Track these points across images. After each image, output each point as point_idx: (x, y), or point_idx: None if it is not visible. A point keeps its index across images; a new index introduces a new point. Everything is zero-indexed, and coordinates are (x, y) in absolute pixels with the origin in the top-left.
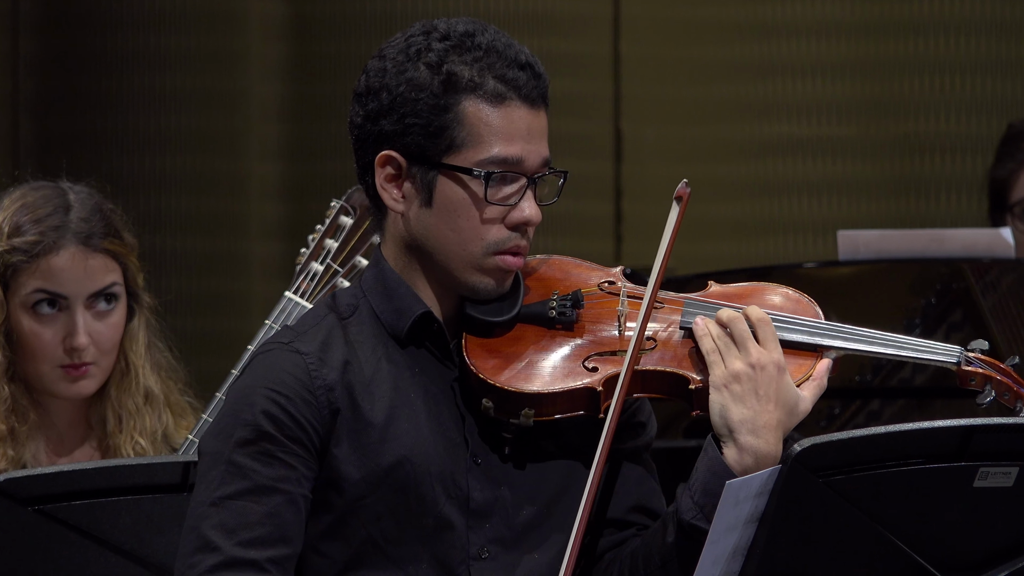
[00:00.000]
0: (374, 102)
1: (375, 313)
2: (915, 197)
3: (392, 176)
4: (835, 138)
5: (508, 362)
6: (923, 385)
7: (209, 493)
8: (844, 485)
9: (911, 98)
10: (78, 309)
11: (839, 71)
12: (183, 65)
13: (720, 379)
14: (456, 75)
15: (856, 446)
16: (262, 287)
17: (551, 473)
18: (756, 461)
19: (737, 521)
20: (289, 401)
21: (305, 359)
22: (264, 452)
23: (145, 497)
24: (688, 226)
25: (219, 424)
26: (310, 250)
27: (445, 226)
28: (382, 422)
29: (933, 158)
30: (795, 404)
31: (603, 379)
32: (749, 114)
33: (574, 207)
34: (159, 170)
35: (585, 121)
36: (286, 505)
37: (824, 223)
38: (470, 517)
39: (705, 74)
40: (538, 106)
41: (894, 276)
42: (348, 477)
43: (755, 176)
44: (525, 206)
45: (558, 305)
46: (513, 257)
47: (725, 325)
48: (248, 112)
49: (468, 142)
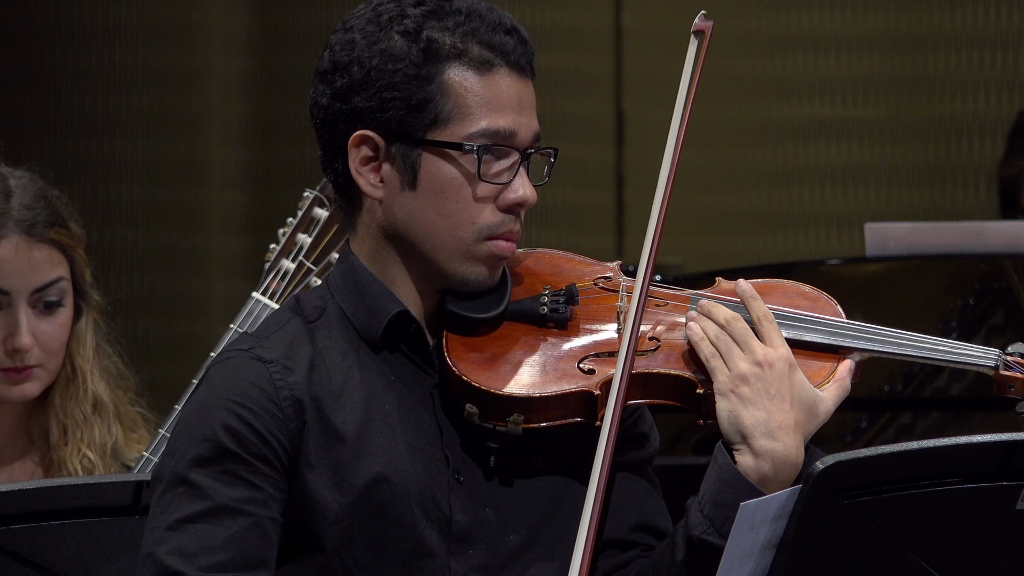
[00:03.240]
0: (343, 78)
1: (345, 315)
2: (951, 186)
3: (368, 158)
4: (862, 120)
5: (494, 363)
6: (960, 395)
7: (166, 517)
8: (871, 507)
9: (947, 75)
10: (21, 306)
11: (866, 45)
12: (134, 38)
13: (726, 384)
14: (437, 42)
15: (885, 463)
16: (223, 286)
17: (541, 492)
18: (774, 466)
19: (753, 547)
20: (252, 414)
21: (268, 367)
22: (225, 471)
23: (92, 520)
24: (698, 218)
25: (175, 442)
26: (280, 245)
27: (432, 210)
28: (355, 437)
29: (971, 142)
30: (813, 403)
31: (600, 382)
32: (766, 93)
33: (570, 197)
34: (108, 155)
35: (583, 101)
36: (251, 529)
37: (849, 215)
38: (452, 542)
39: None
40: (526, 74)
41: (927, 274)
42: (319, 498)
43: (772, 162)
44: (519, 185)
45: (550, 301)
46: (506, 242)
47: (722, 325)
48: (207, 90)
49: (454, 115)
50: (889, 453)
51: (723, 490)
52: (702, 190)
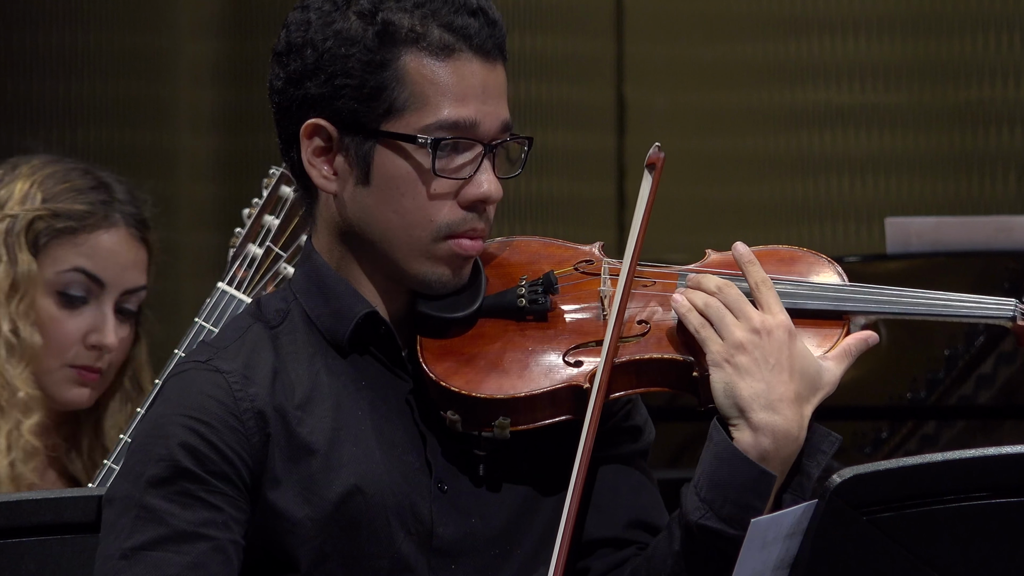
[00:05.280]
0: (296, 61)
1: (309, 318)
2: (978, 177)
3: (321, 149)
4: (882, 106)
5: (473, 364)
6: (989, 403)
7: (119, 544)
8: (893, 523)
9: (974, 58)
10: (110, 303)
11: (887, 26)
12: (97, 19)
13: (720, 353)
14: (393, 24)
15: (907, 477)
16: (192, 285)
17: (532, 500)
18: (775, 441)
19: (765, 567)
20: (211, 429)
21: (227, 378)
22: (183, 492)
23: (52, 538)
24: (704, 212)
25: (128, 462)
26: (246, 230)
27: (387, 207)
28: (324, 448)
29: (1000, 130)
30: (816, 374)
31: (589, 374)
32: (778, 78)
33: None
34: (69, 143)
35: (582, 86)
36: (212, 553)
37: (868, 208)
38: (433, 557)
39: (725, 30)
40: (494, 59)
41: (953, 272)
42: (288, 516)
43: (785, 152)
44: (482, 179)
45: (528, 292)
46: (470, 241)
47: (713, 293)
48: (176, 74)
49: (411, 104)
50: (912, 465)
51: (720, 469)
52: (709, 182)
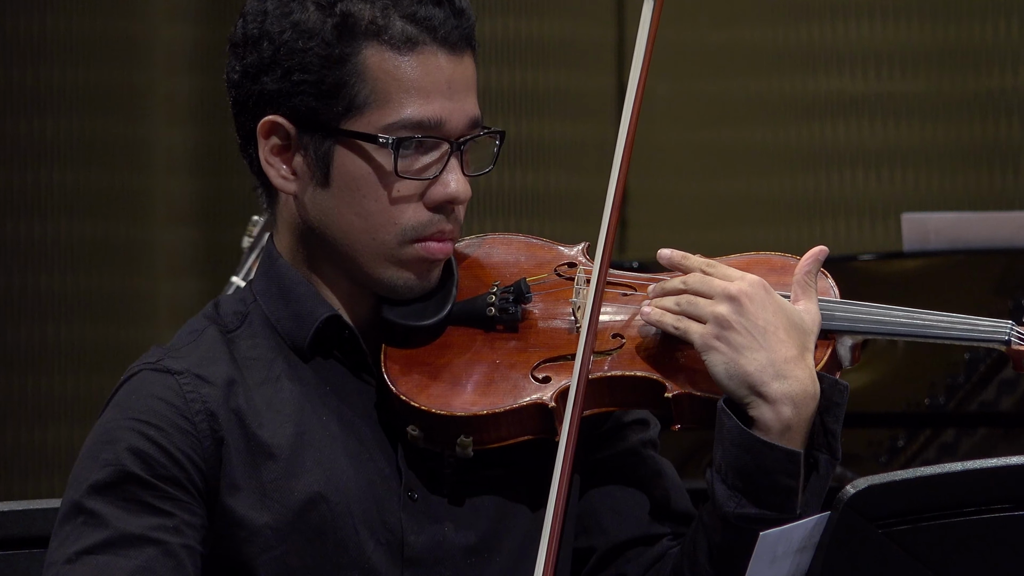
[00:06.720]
0: (253, 54)
1: (269, 322)
2: (1000, 170)
3: (279, 148)
4: (899, 95)
5: (437, 378)
6: (1011, 410)
7: (64, 551)
8: (909, 536)
9: (995, 45)
10: None
11: (903, 11)
12: (69, 3)
13: (707, 335)
14: (353, 16)
15: (924, 488)
16: (170, 285)
17: (507, 507)
18: (795, 407)
19: None
20: (160, 432)
21: (178, 379)
22: (128, 497)
23: (21, 552)
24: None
25: (76, 470)
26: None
27: (348, 210)
28: (286, 453)
29: (1023, 121)
30: (801, 320)
31: (556, 392)
32: (789, 65)
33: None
34: (37, 134)
35: (581, 74)
36: (161, 558)
37: (884, 204)
38: (405, 566)
39: (732, 14)
40: (461, 51)
41: (972, 271)
42: (247, 523)
43: (797, 144)
44: (450, 179)
45: (498, 300)
46: (438, 244)
47: (680, 290)
48: (152, 63)
49: (372, 102)
50: (929, 476)
51: (742, 456)
52: (717, 175)
